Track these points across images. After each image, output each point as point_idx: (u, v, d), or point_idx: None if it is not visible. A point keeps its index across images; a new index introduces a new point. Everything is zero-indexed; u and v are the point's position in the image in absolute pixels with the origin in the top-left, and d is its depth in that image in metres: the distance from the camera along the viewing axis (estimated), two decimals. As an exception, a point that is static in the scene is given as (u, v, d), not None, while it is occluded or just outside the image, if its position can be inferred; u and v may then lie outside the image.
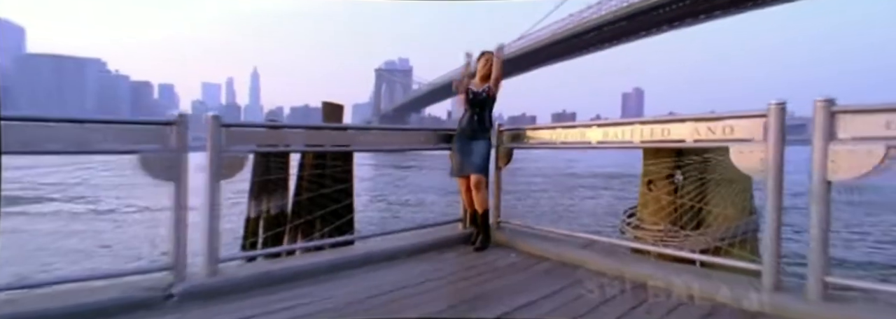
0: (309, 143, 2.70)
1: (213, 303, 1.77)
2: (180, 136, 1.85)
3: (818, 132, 1.50)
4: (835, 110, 1.49)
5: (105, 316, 1.61)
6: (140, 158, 1.77)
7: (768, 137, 1.66)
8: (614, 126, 2.30)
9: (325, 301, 1.81)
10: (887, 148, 1.38)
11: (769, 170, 1.65)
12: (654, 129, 2.12)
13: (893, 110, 1.39)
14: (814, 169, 1.52)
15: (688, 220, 2.20)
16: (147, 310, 1.68)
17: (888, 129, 1.38)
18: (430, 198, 11.18)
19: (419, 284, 2.04)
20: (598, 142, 2.37)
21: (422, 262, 2.41)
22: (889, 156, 1.37)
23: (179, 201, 1.85)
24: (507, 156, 2.92)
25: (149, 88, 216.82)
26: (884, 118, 1.39)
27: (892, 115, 1.38)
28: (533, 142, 2.78)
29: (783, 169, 1.63)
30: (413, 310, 1.74)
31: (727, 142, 1.81)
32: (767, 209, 1.67)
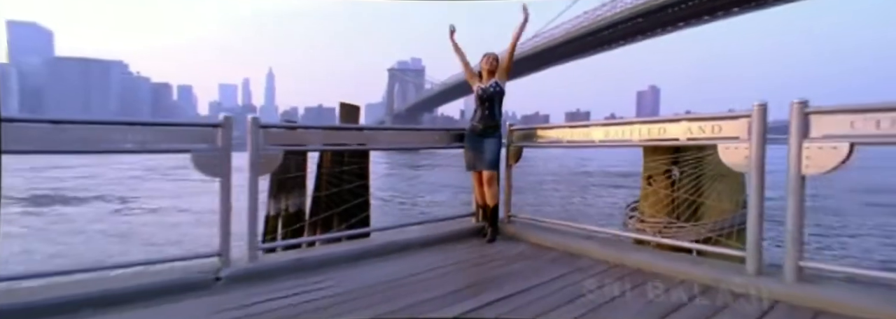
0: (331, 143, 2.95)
1: (253, 285, 2.01)
2: (226, 137, 2.10)
3: (794, 131, 1.67)
4: (808, 111, 1.66)
5: (164, 295, 1.87)
6: (192, 156, 2.02)
7: (752, 136, 1.83)
8: (616, 125, 2.48)
9: (348, 284, 2.04)
10: (851, 145, 1.54)
11: (752, 166, 1.82)
12: (652, 129, 2.30)
13: (856, 111, 1.55)
14: (790, 165, 1.69)
15: (685, 213, 2.37)
16: (199, 291, 1.94)
17: (852, 128, 1.54)
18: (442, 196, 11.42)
19: (431, 270, 2.25)
20: (601, 141, 2.55)
21: (435, 252, 2.62)
22: (853, 152, 1.54)
23: (225, 195, 2.11)
24: (517, 155, 3.12)
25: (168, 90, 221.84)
26: (849, 118, 1.56)
27: (856, 116, 1.54)
28: (541, 141, 2.97)
29: (765, 164, 1.80)
30: (426, 293, 1.94)
31: (716, 140, 1.98)
32: (750, 201, 1.84)
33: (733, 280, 1.82)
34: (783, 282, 1.72)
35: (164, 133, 2.00)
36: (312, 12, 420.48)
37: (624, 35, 50.19)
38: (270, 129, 2.29)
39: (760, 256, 1.84)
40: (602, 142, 2.54)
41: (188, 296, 1.87)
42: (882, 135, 1.49)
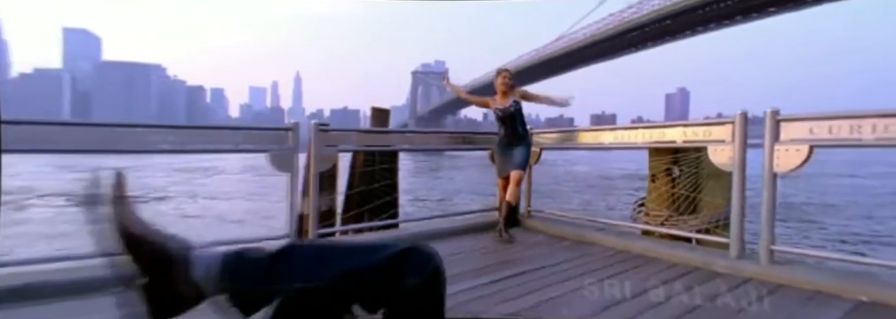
0: (374, 144, 3.40)
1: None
2: (294, 138, 2.58)
3: (768, 135, 1.99)
4: (779, 118, 1.98)
5: None
6: (269, 156, 2.51)
7: (735, 139, 2.16)
8: (623, 130, 2.84)
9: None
10: (810, 147, 1.86)
11: (735, 165, 2.15)
12: (654, 132, 2.64)
13: (814, 119, 1.87)
14: (765, 164, 2.01)
15: (683, 207, 2.70)
16: None
17: (811, 134, 1.86)
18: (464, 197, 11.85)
19: (457, 254, 2.59)
20: (610, 143, 2.91)
21: (461, 240, 2.97)
22: (812, 154, 1.85)
23: (293, 186, 2.58)
24: (537, 156, 3.49)
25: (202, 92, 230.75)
26: (808, 125, 1.87)
27: (813, 122, 1.86)
28: (558, 144, 3.34)
29: (745, 164, 2.13)
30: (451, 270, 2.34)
31: (706, 142, 2.32)
32: (733, 196, 2.17)
33: (718, 262, 2.16)
34: (758, 263, 2.05)
35: (246, 135, 2.50)
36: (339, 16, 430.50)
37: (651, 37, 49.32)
38: (331, 133, 2.76)
39: (742, 243, 2.16)
40: (611, 144, 2.90)
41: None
42: (833, 139, 1.81)
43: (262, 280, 0.68)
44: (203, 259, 0.67)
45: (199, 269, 0.67)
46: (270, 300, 0.67)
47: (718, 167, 2.26)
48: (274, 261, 0.71)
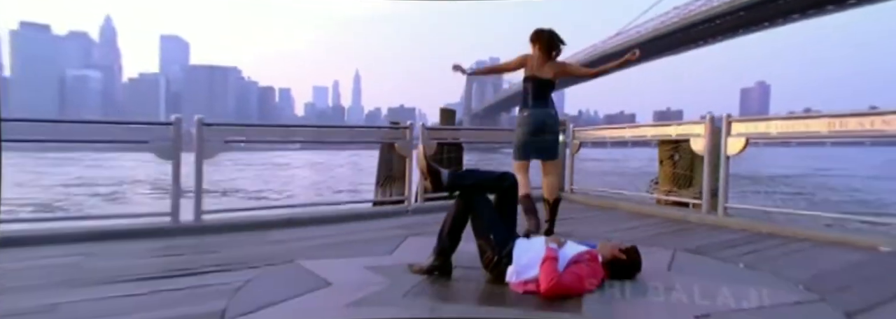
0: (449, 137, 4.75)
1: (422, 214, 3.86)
2: (411, 134, 3.99)
3: (723, 130, 3.07)
4: (730, 120, 3.05)
5: (364, 219, 3.79)
6: (398, 145, 3.95)
7: (706, 134, 3.24)
8: (639, 128, 3.97)
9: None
10: (746, 139, 2.92)
11: (707, 151, 3.24)
12: (659, 130, 3.76)
13: (749, 120, 2.93)
14: (722, 149, 3.09)
15: (682, 182, 3.79)
16: (397, 216, 3.83)
17: (746, 130, 2.93)
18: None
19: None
20: (630, 137, 4.04)
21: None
22: (748, 144, 2.92)
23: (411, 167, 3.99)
24: (577, 148, 4.67)
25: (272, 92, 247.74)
26: (745, 124, 2.94)
27: (749, 123, 2.92)
28: (593, 139, 4.50)
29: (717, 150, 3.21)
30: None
31: (690, 136, 3.41)
32: (704, 172, 3.26)
33: (693, 216, 3.28)
34: (716, 215, 3.14)
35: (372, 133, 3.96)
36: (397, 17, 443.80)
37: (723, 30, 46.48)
38: (431, 130, 4.16)
39: (710, 203, 3.25)
40: (630, 138, 4.04)
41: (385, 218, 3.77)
42: (757, 134, 2.87)
43: (461, 179, 2.02)
44: (444, 173, 2.01)
45: (443, 175, 2.00)
46: (462, 187, 2.00)
47: (696, 152, 3.35)
48: (466, 173, 2.07)
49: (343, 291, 1.76)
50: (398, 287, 1.82)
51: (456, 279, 1.94)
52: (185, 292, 1.75)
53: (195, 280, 1.89)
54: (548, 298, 1.62)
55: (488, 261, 1.90)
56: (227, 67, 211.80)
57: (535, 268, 1.73)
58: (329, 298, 1.70)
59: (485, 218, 1.95)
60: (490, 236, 1.91)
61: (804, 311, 1.51)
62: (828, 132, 2.59)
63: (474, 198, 1.99)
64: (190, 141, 3.02)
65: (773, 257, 2.24)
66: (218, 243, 2.61)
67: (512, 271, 1.80)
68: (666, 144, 3.87)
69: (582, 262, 1.76)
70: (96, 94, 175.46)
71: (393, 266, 2.10)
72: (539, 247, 1.82)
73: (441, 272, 1.96)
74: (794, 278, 1.86)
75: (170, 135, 2.92)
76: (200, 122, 3.01)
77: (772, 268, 2.02)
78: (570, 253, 1.80)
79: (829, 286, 1.76)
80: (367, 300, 1.68)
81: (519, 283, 1.75)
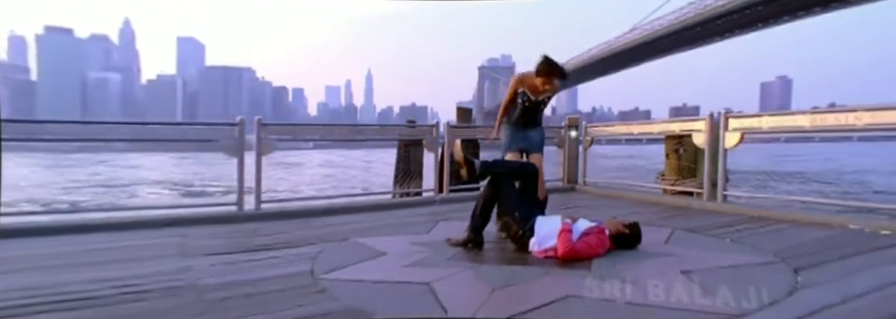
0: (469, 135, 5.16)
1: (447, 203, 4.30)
2: (437, 132, 4.41)
3: (722, 125, 3.43)
4: (728, 116, 3.41)
5: (406, 207, 4.23)
6: (426, 141, 4.38)
7: (706, 129, 3.60)
8: (646, 125, 4.33)
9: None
10: (742, 134, 3.27)
11: (707, 145, 3.60)
12: (665, 126, 4.12)
13: (744, 117, 3.28)
14: (720, 143, 3.45)
15: (686, 173, 4.14)
16: (426, 205, 4.27)
17: (741, 125, 3.28)
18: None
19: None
20: (638, 133, 4.41)
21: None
22: (743, 138, 3.27)
23: (439, 161, 4.41)
24: (589, 143, 5.03)
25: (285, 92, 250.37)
26: (741, 120, 3.29)
27: (744, 119, 3.27)
28: (604, 135, 4.87)
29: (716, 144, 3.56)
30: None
31: (693, 131, 3.77)
32: (705, 164, 3.62)
33: (693, 203, 3.64)
34: (716, 203, 3.50)
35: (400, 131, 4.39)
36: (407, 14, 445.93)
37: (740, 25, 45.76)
38: (456, 128, 4.57)
39: (710, 192, 3.61)
40: (638, 134, 4.40)
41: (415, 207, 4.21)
42: (753, 128, 3.22)
43: (491, 167, 2.43)
44: (477, 162, 2.42)
45: (477, 165, 2.42)
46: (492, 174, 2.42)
47: (698, 146, 3.71)
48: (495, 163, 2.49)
49: (397, 258, 2.20)
50: (440, 255, 2.25)
51: (487, 249, 2.36)
52: (273, 260, 2.20)
53: (276, 253, 2.34)
54: (564, 261, 2.04)
55: (513, 234, 2.32)
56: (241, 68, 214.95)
57: (553, 239, 2.14)
58: (388, 262, 2.14)
59: (511, 200, 2.37)
60: (515, 214, 2.32)
61: (763, 269, 1.91)
62: (810, 126, 2.94)
63: (502, 183, 2.40)
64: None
65: (756, 234, 2.61)
66: (279, 227, 3.06)
67: (533, 242, 2.21)
68: (671, 139, 4.22)
69: (592, 234, 2.17)
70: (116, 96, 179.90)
71: (432, 241, 2.53)
72: (556, 222, 2.23)
73: (474, 244, 2.39)
74: (768, 249, 2.24)
75: (235, 135, 3.40)
76: (260, 123, 3.48)
77: (752, 243, 2.39)
78: (582, 227, 2.21)
79: (792, 253, 2.13)
80: (418, 263, 2.12)
81: (540, 251, 2.17)
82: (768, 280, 1.72)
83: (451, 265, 2.09)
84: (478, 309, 1.51)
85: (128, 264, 2.09)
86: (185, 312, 1.53)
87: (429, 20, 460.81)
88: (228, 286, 1.78)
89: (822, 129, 2.90)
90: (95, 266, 2.04)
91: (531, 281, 1.83)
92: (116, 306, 1.57)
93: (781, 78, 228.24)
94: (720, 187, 3.48)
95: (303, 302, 1.61)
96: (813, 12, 41.73)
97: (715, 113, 3.58)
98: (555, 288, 1.69)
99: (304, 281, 1.86)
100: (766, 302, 1.48)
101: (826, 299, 1.52)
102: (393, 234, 2.75)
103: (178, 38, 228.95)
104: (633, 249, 2.25)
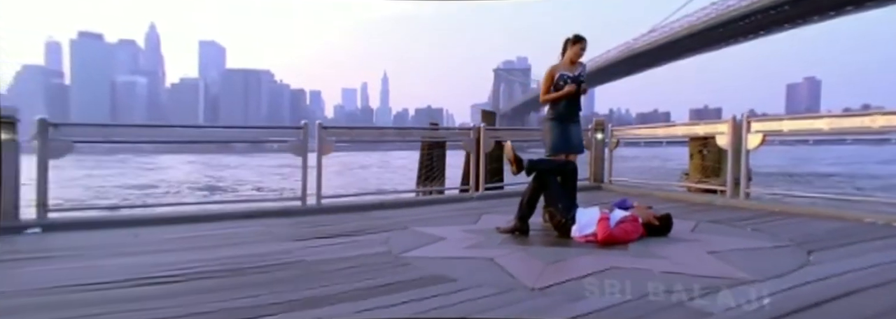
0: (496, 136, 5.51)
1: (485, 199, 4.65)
2: (478, 134, 4.77)
3: (744, 127, 3.70)
4: (749, 119, 3.68)
5: (437, 203, 4.60)
6: (464, 142, 4.75)
7: (729, 131, 3.87)
8: (669, 127, 4.62)
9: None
10: (763, 135, 3.54)
11: (730, 146, 3.88)
12: (689, 129, 4.40)
13: (765, 120, 3.55)
14: (742, 144, 3.72)
15: (710, 172, 4.41)
16: (462, 201, 4.63)
17: (763, 127, 3.55)
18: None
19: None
20: (663, 136, 4.69)
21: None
22: (764, 140, 3.54)
23: (476, 161, 4.78)
24: (615, 144, 5.32)
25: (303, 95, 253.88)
26: (763, 124, 3.56)
27: (765, 122, 3.54)
28: (628, 138, 5.16)
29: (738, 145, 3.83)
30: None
31: (716, 134, 4.05)
32: (729, 164, 3.89)
33: (717, 200, 3.92)
34: (739, 199, 3.77)
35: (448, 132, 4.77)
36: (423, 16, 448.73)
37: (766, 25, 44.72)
38: (490, 131, 4.94)
39: (733, 189, 3.88)
40: (663, 136, 4.69)
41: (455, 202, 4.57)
42: (774, 131, 3.49)
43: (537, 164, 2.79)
44: (525, 160, 2.78)
45: (524, 162, 2.77)
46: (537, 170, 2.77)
47: (721, 147, 3.99)
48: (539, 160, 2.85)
49: (456, 242, 2.58)
50: (493, 240, 2.61)
51: (532, 236, 2.72)
52: (353, 243, 2.59)
53: (352, 238, 2.73)
54: (602, 244, 2.38)
55: (557, 223, 2.67)
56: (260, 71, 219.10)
57: (593, 226, 2.48)
58: (450, 245, 2.52)
59: (554, 192, 2.72)
60: (558, 205, 2.68)
61: (779, 251, 2.22)
62: (829, 129, 3.20)
63: (546, 178, 2.76)
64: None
65: (775, 226, 2.89)
66: (341, 219, 3.46)
67: (575, 229, 2.56)
68: (696, 141, 4.50)
69: (627, 222, 2.50)
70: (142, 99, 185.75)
71: (482, 229, 2.90)
72: (595, 212, 2.57)
73: (521, 232, 2.74)
74: (784, 236, 2.53)
75: (300, 137, 3.83)
76: (321, 126, 3.91)
77: (771, 231, 2.69)
78: (618, 216, 2.55)
79: (806, 239, 2.43)
80: (476, 245, 2.49)
81: (581, 237, 2.51)
82: (782, 259, 2.03)
83: (504, 247, 2.45)
84: (538, 276, 1.86)
85: (235, 247, 2.50)
86: (305, 280, 1.91)
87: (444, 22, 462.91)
88: (329, 261, 2.17)
89: (839, 132, 3.16)
90: (209, 249, 2.45)
91: (578, 257, 2.18)
92: (250, 276, 1.96)
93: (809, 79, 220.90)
94: (743, 185, 3.75)
95: (394, 272, 1.99)
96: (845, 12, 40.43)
97: (737, 116, 3.86)
98: (599, 262, 2.04)
99: (387, 258, 2.24)
100: (777, 273, 1.80)
101: (830, 271, 1.82)
102: (445, 225, 3.12)
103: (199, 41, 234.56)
104: (663, 236, 2.57)
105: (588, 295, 1.59)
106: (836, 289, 1.61)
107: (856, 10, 39.64)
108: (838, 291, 1.58)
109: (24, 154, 2.83)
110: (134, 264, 2.10)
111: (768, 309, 1.41)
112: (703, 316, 1.37)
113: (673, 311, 1.43)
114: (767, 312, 1.39)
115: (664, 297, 1.54)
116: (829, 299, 1.51)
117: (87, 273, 1.94)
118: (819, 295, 1.54)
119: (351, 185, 17.00)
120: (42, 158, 2.87)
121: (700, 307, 1.45)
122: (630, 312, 1.44)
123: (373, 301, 1.60)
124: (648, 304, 1.48)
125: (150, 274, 1.91)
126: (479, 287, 1.75)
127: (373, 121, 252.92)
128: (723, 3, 43.61)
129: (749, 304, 1.46)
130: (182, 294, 1.70)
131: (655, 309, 1.45)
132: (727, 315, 1.35)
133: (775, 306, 1.44)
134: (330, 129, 4.02)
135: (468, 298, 1.63)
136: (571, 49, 3.01)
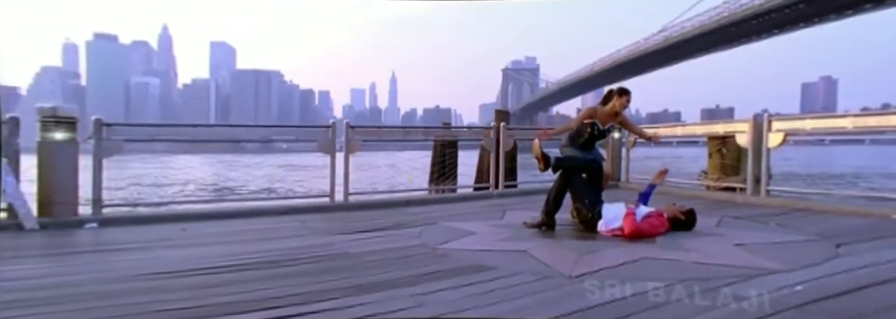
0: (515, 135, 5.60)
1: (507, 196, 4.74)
2: (497, 133, 4.87)
3: (765, 126, 3.75)
4: (770, 118, 3.73)
5: (459, 201, 4.70)
6: (485, 141, 4.85)
7: (749, 130, 3.92)
8: (686, 126, 4.67)
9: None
10: (785, 134, 3.59)
11: (750, 145, 3.93)
12: (708, 128, 4.45)
13: (787, 119, 3.59)
14: (763, 143, 3.77)
15: (730, 171, 4.46)
16: (483, 198, 4.73)
17: (785, 126, 3.59)
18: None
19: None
20: (681, 135, 4.75)
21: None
22: (786, 139, 3.58)
23: (496, 160, 4.88)
24: (633, 143, 5.38)
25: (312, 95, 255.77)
26: (784, 123, 3.61)
27: (786, 122, 3.59)
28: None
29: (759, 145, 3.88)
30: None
31: (736, 132, 4.09)
32: (749, 162, 3.94)
33: (737, 198, 3.97)
34: (759, 197, 3.82)
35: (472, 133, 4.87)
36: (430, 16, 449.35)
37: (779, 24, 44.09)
38: (509, 130, 5.03)
39: (754, 187, 3.93)
40: (681, 135, 4.74)
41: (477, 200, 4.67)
42: (795, 129, 3.54)
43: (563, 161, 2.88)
44: (552, 157, 2.87)
45: (551, 159, 2.87)
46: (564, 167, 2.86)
47: (742, 146, 4.04)
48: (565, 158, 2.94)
49: (487, 235, 2.68)
50: (521, 234, 2.71)
51: (559, 230, 2.81)
52: (390, 237, 2.69)
53: (387, 232, 2.83)
54: (630, 238, 2.46)
55: (583, 218, 2.76)
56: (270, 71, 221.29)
57: (619, 220, 2.57)
58: (482, 238, 2.62)
59: (580, 189, 2.81)
60: (585, 200, 2.77)
61: (807, 244, 2.29)
62: (852, 128, 3.24)
63: (573, 175, 2.85)
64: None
65: (800, 222, 2.95)
66: (371, 215, 3.57)
67: (601, 223, 2.65)
68: (714, 139, 4.55)
69: (652, 216, 2.59)
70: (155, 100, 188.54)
71: (509, 224, 3.00)
72: (621, 208, 2.66)
73: (548, 227, 2.83)
74: (811, 231, 2.59)
75: (329, 136, 3.96)
76: (348, 125, 4.04)
77: (796, 227, 2.75)
78: (643, 211, 2.63)
79: (833, 234, 2.48)
80: (507, 239, 2.59)
81: (607, 231, 2.60)
82: (811, 251, 2.10)
83: (534, 240, 2.55)
84: (574, 265, 1.96)
85: (280, 240, 2.63)
86: (354, 269, 2.02)
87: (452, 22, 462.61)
88: (372, 253, 2.29)
89: (864, 131, 3.20)
90: (255, 242, 2.57)
91: (609, 249, 2.27)
92: (302, 265, 2.08)
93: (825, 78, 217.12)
94: (763, 183, 3.80)
95: (433, 262, 2.10)
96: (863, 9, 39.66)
97: (758, 115, 3.91)
98: (630, 253, 2.13)
99: (425, 250, 2.35)
100: (808, 264, 1.87)
101: (860, 262, 1.89)
102: (472, 220, 3.22)
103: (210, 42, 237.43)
104: (688, 230, 2.65)
105: (624, 282, 1.69)
106: (868, 279, 1.68)
107: (874, 8, 38.95)
108: (870, 280, 1.66)
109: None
110: (191, 255, 2.24)
111: (802, 295, 1.49)
112: (739, 300, 1.45)
113: (709, 295, 1.52)
114: (801, 298, 1.47)
115: (701, 284, 1.62)
116: (862, 287, 1.58)
117: (154, 263, 2.09)
118: (851, 284, 1.61)
119: (359, 182, 17.23)
120: (97, 157, 3.02)
121: (735, 292, 1.54)
122: (667, 295, 1.53)
123: (422, 287, 1.71)
124: (685, 289, 1.57)
125: (210, 265, 2.05)
126: (518, 274, 1.85)
127: (381, 120, 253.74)
128: (736, 1, 43.13)
129: (781, 291, 1.54)
130: (248, 281, 1.82)
131: (691, 294, 1.53)
132: (762, 299, 1.43)
133: (808, 293, 1.52)
134: (357, 128, 4.15)
135: (511, 284, 1.74)
136: (618, 100, 3.00)
